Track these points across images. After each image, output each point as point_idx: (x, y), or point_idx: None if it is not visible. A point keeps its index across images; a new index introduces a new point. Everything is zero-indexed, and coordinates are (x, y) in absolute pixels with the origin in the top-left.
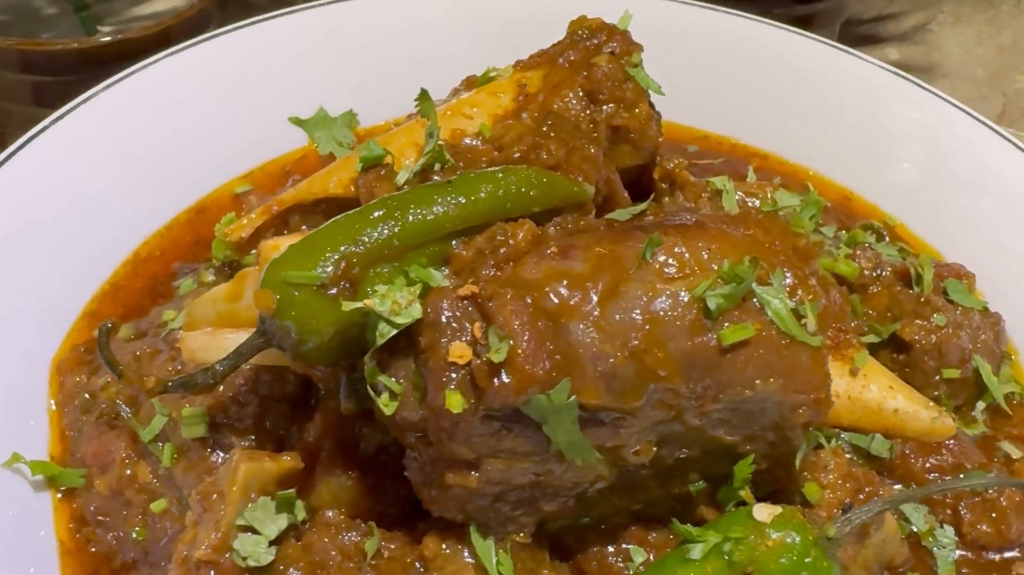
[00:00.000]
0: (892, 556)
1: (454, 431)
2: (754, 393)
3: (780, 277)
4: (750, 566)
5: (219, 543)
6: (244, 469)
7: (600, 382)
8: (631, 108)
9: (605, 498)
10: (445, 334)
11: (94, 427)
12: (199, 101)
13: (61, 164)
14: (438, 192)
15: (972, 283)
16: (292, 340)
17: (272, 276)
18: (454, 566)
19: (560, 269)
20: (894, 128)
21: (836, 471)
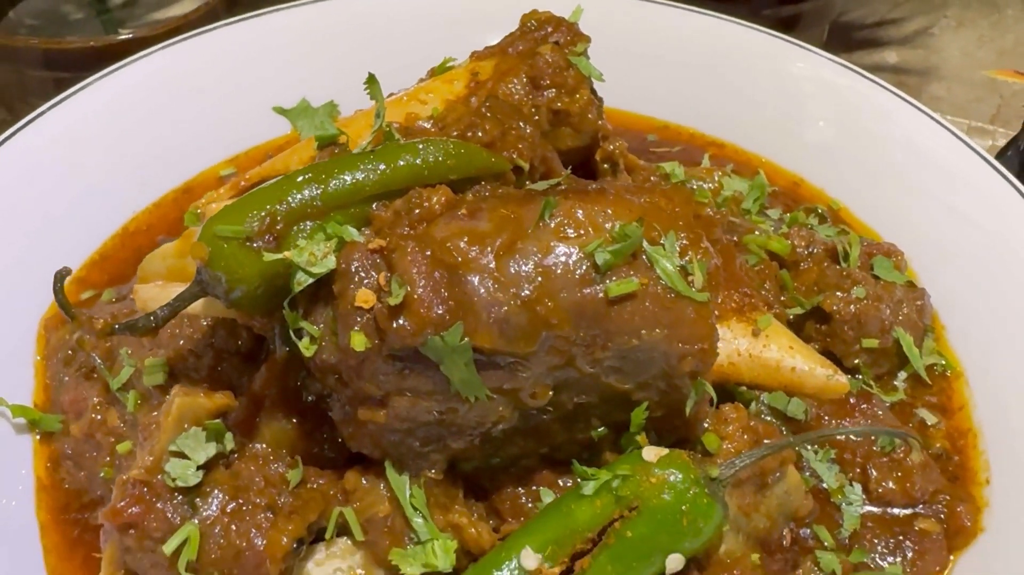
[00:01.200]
0: (796, 508)
1: (361, 369)
2: (640, 342)
3: (672, 239)
4: (635, 501)
5: (152, 465)
6: (179, 402)
7: (493, 327)
8: (572, 93)
9: (511, 440)
10: (353, 282)
11: (73, 378)
12: (191, 91)
13: (61, 144)
14: (361, 160)
15: (901, 261)
16: (223, 288)
17: (206, 231)
18: (371, 498)
19: (465, 227)
20: (841, 119)
21: (736, 423)
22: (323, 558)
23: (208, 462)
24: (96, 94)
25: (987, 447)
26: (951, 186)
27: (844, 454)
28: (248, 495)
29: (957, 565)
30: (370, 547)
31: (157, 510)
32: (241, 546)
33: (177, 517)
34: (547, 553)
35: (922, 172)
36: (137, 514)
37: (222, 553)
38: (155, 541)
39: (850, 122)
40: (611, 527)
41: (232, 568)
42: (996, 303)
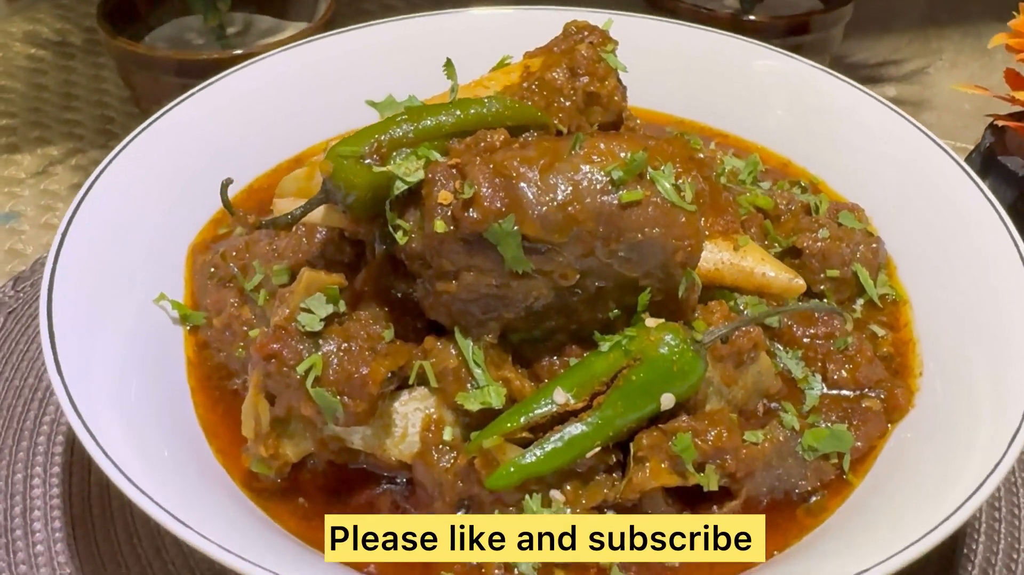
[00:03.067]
0: (768, 386)
1: (440, 249)
2: (644, 238)
3: (670, 167)
4: (639, 354)
5: (288, 316)
6: (307, 275)
7: (536, 221)
8: (602, 80)
9: (548, 315)
10: (436, 187)
11: (214, 287)
12: (306, 85)
13: (201, 123)
14: (444, 107)
15: (862, 215)
16: (342, 194)
17: (331, 152)
18: (443, 355)
19: (517, 153)
20: (818, 112)
21: (719, 314)
22: (406, 399)
23: (327, 318)
24: (222, 89)
25: (922, 352)
26: (905, 164)
27: (808, 353)
28: (356, 340)
29: (893, 432)
30: (441, 393)
31: (291, 345)
32: (351, 370)
33: (305, 352)
34: (573, 392)
35: (882, 152)
36: (277, 348)
37: (337, 376)
38: (289, 367)
39: (824, 115)
40: (621, 373)
41: (344, 387)
42: (936, 248)
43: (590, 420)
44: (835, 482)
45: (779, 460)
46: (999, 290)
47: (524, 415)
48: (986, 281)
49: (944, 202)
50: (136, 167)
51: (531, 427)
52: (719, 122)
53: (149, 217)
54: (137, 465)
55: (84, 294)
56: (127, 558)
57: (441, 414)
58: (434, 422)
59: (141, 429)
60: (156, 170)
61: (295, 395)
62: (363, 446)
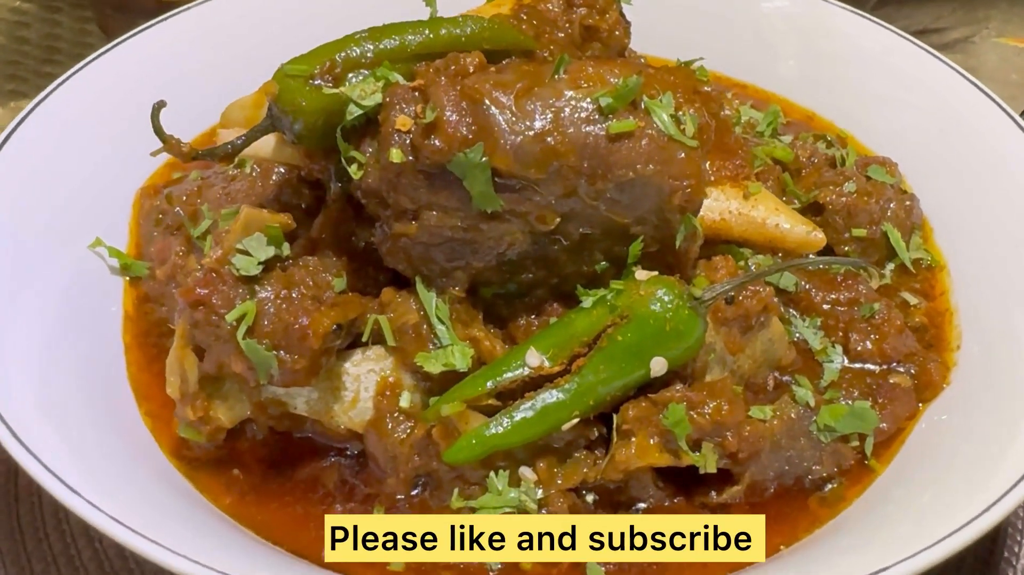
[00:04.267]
0: (780, 356)
1: (398, 183)
2: (636, 176)
3: (670, 97)
4: (627, 311)
5: (220, 257)
6: (246, 211)
7: (510, 152)
8: (602, 13)
9: (525, 265)
10: (394, 110)
11: (160, 234)
12: (280, 19)
13: (163, 55)
14: (411, 25)
15: (893, 170)
16: (288, 120)
17: (278, 72)
18: (403, 309)
19: (491, 77)
20: (847, 58)
21: (724, 270)
22: (359, 359)
23: (267, 261)
24: (185, 21)
25: (961, 322)
26: (946, 115)
27: (828, 321)
28: (299, 287)
29: (924, 413)
30: (399, 353)
31: (222, 291)
32: (289, 321)
33: (238, 299)
34: (549, 354)
35: (918, 103)
36: (206, 294)
37: (273, 327)
38: (219, 316)
39: (853, 61)
40: (605, 333)
41: (281, 339)
42: (978, 210)
43: (567, 387)
44: (855, 468)
45: (790, 440)
46: None
47: (491, 379)
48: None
49: (989, 157)
50: (79, 103)
51: (500, 393)
52: (736, 71)
53: (92, 159)
54: (49, 434)
55: (8, 244)
56: (51, 536)
57: (399, 377)
58: (390, 386)
59: (62, 394)
60: (102, 108)
61: (225, 348)
62: (308, 411)
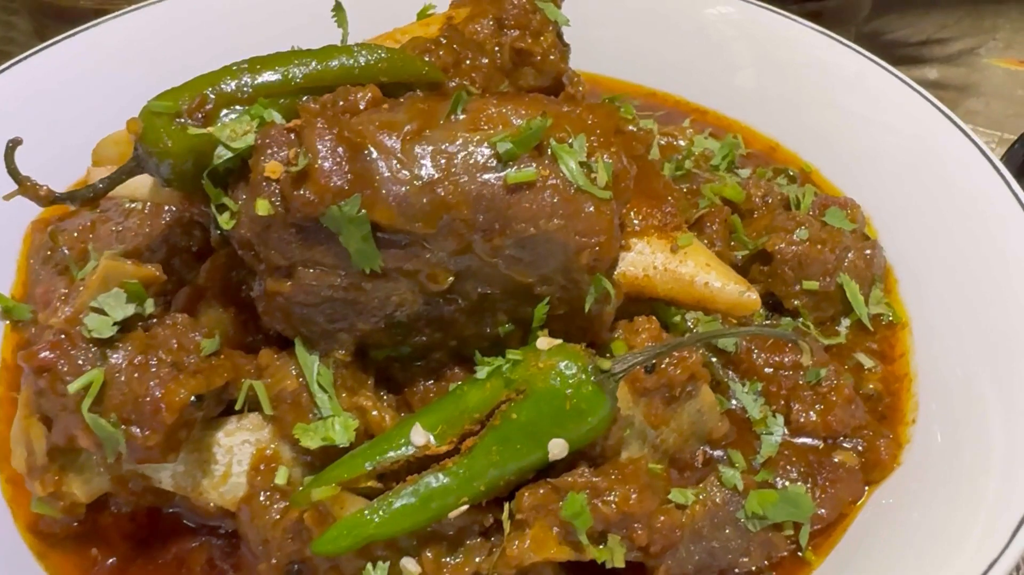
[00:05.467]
0: (710, 429)
1: (266, 236)
2: (538, 231)
3: (582, 140)
4: (523, 385)
5: (71, 317)
6: (105, 264)
7: (393, 205)
8: (536, 35)
9: (418, 328)
10: (266, 155)
11: (48, 273)
12: (196, 37)
13: (68, 73)
14: (296, 56)
15: (856, 213)
16: (154, 162)
17: (144, 109)
18: (281, 374)
19: (379, 116)
20: (817, 86)
21: (647, 333)
22: (233, 429)
23: (126, 321)
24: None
25: (919, 390)
26: (919, 151)
27: (771, 387)
28: (156, 352)
29: (871, 497)
30: (277, 421)
31: (69, 356)
32: (140, 393)
33: (88, 365)
34: (437, 432)
35: (889, 136)
36: (51, 358)
37: (123, 398)
38: (65, 384)
39: (824, 90)
40: (498, 410)
41: (131, 413)
42: (951, 263)
43: (455, 469)
44: (787, 561)
45: (713, 530)
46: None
47: (371, 459)
48: (1011, 305)
49: (963, 202)
50: None
51: (382, 474)
52: (696, 95)
53: None
54: None
55: None
56: None
57: (276, 449)
58: (266, 459)
59: None
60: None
61: (71, 420)
62: (174, 486)
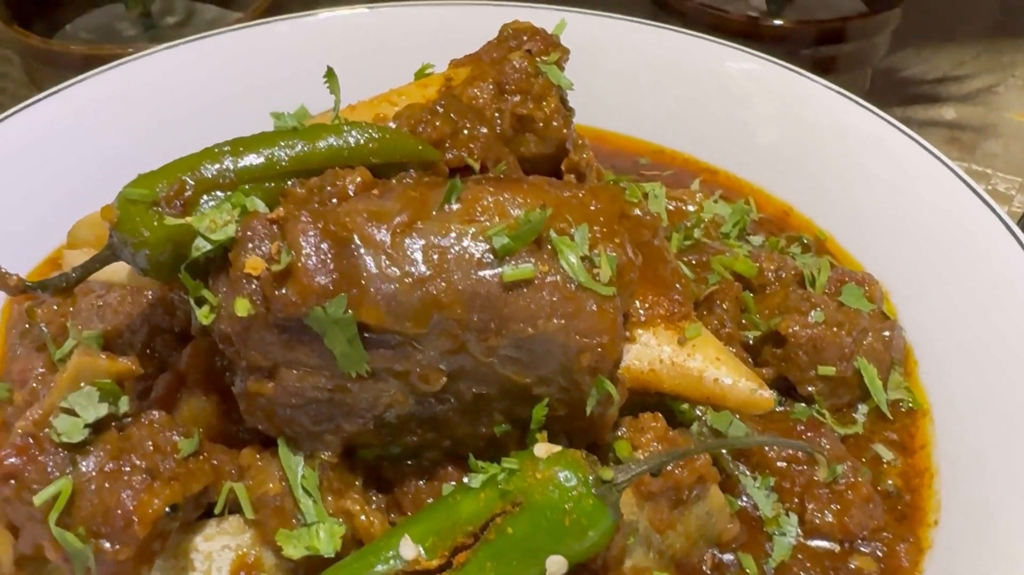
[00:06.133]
0: (719, 531)
1: (247, 337)
2: (536, 332)
3: (584, 231)
4: (520, 496)
5: (40, 419)
6: (76, 361)
7: (381, 304)
8: (538, 100)
9: (409, 428)
10: (246, 249)
11: (26, 350)
12: (189, 91)
13: (56, 130)
14: (281, 136)
15: (875, 291)
16: (129, 251)
17: (120, 195)
18: (263, 476)
19: (368, 206)
20: (833, 150)
21: (653, 432)
22: (213, 533)
23: (99, 422)
24: (87, 90)
25: (941, 488)
26: (941, 224)
27: (784, 482)
28: (130, 457)
29: None
30: (259, 526)
31: (38, 462)
32: (111, 504)
33: (56, 472)
34: (427, 544)
35: (910, 206)
36: (17, 465)
37: (92, 510)
38: (32, 492)
39: (842, 154)
40: (493, 522)
41: (101, 526)
42: (975, 345)
43: None
44: None
45: None
46: None
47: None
48: None
49: (988, 276)
50: None
51: None
52: (706, 153)
53: None
54: None
55: None
56: None
57: (259, 555)
58: (247, 567)
59: None
60: None
61: (39, 531)
62: None
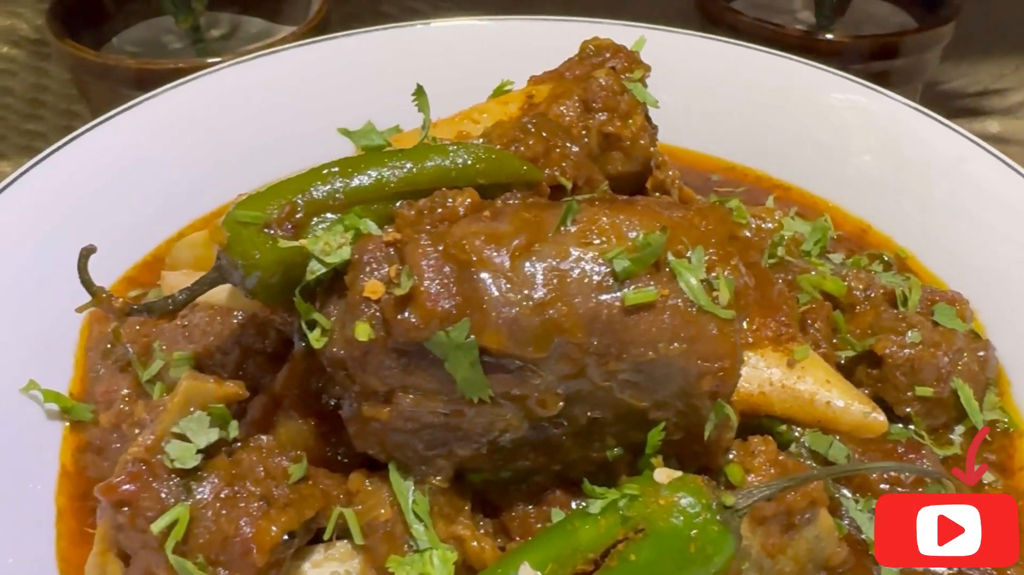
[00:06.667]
0: (828, 555)
1: (365, 362)
2: (657, 356)
3: (700, 253)
4: (642, 523)
5: (152, 445)
6: (186, 386)
7: (503, 328)
8: (624, 118)
9: (521, 452)
10: (364, 272)
11: (108, 370)
12: (256, 107)
13: (122, 152)
14: (389, 157)
15: (965, 310)
16: (240, 274)
17: (228, 216)
18: (373, 501)
19: (484, 228)
20: (913, 166)
21: (764, 456)
22: (320, 559)
23: (209, 447)
24: (154, 109)
25: None
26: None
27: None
28: (244, 483)
29: None
30: (369, 552)
31: (152, 489)
32: (229, 532)
33: (171, 498)
34: (546, 571)
35: (996, 223)
36: (132, 492)
37: (210, 538)
38: (147, 520)
39: (922, 170)
40: (615, 549)
41: (219, 554)
42: None
43: None
44: None
45: None
46: None
47: None
48: None
49: None
50: (26, 205)
51: None
52: (779, 169)
53: (35, 272)
54: None
55: None
56: None
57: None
58: None
59: None
60: (50, 212)
61: (153, 559)
62: None
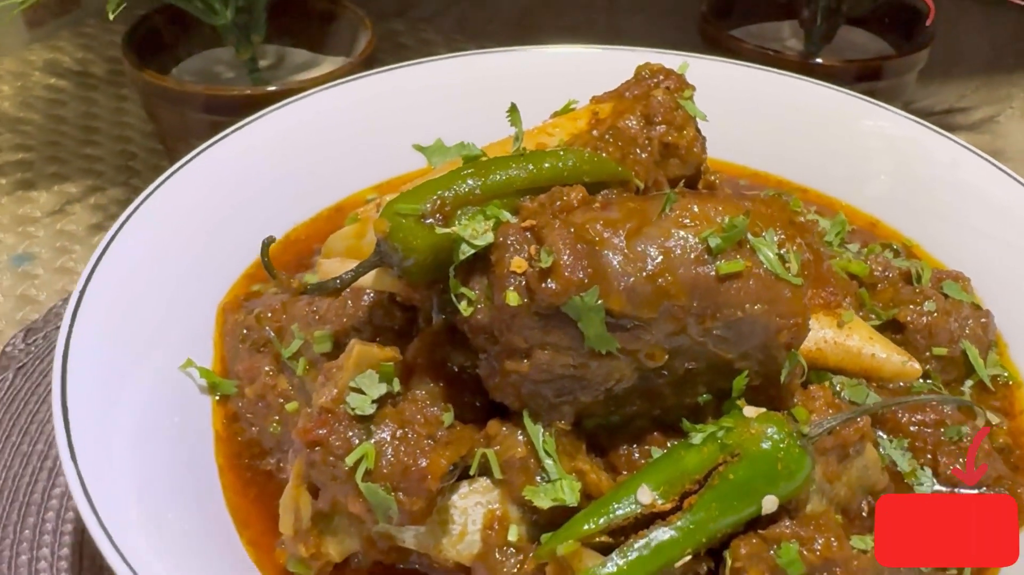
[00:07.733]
0: (874, 482)
1: (512, 323)
2: (744, 315)
3: (772, 233)
4: (737, 449)
5: (336, 397)
6: (358, 349)
7: (623, 294)
8: (680, 129)
9: (630, 399)
10: (508, 252)
11: (246, 352)
12: (347, 127)
13: (233, 168)
14: (515, 160)
15: (967, 285)
16: (399, 257)
17: (388, 209)
18: (509, 442)
19: (600, 215)
20: (913, 167)
21: (822, 399)
22: (466, 492)
23: (380, 399)
24: (258, 129)
25: None
26: (1012, 226)
27: (916, 443)
28: (412, 426)
29: None
30: (506, 485)
31: (339, 431)
32: (408, 463)
33: (355, 439)
34: (660, 491)
35: (985, 215)
36: (323, 434)
37: (392, 469)
38: (336, 457)
39: (922, 170)
40: (716, 471)
41: (400, 482)
42: None
43: (680, 524)
44: None
45: (893, 570)
46: None
47: (604, 516)
48: None
49: None
50: (162, 216)
51: (611, 530)
52: (798, 175)
53: (176, 272)
54: (156, 564)
55: (102, 359)
56: None
57: (506, 510)
58: (498, 519)
59: (161, 517)
60: (184, 220)
61: (342, 489)
62: (416, 545)
